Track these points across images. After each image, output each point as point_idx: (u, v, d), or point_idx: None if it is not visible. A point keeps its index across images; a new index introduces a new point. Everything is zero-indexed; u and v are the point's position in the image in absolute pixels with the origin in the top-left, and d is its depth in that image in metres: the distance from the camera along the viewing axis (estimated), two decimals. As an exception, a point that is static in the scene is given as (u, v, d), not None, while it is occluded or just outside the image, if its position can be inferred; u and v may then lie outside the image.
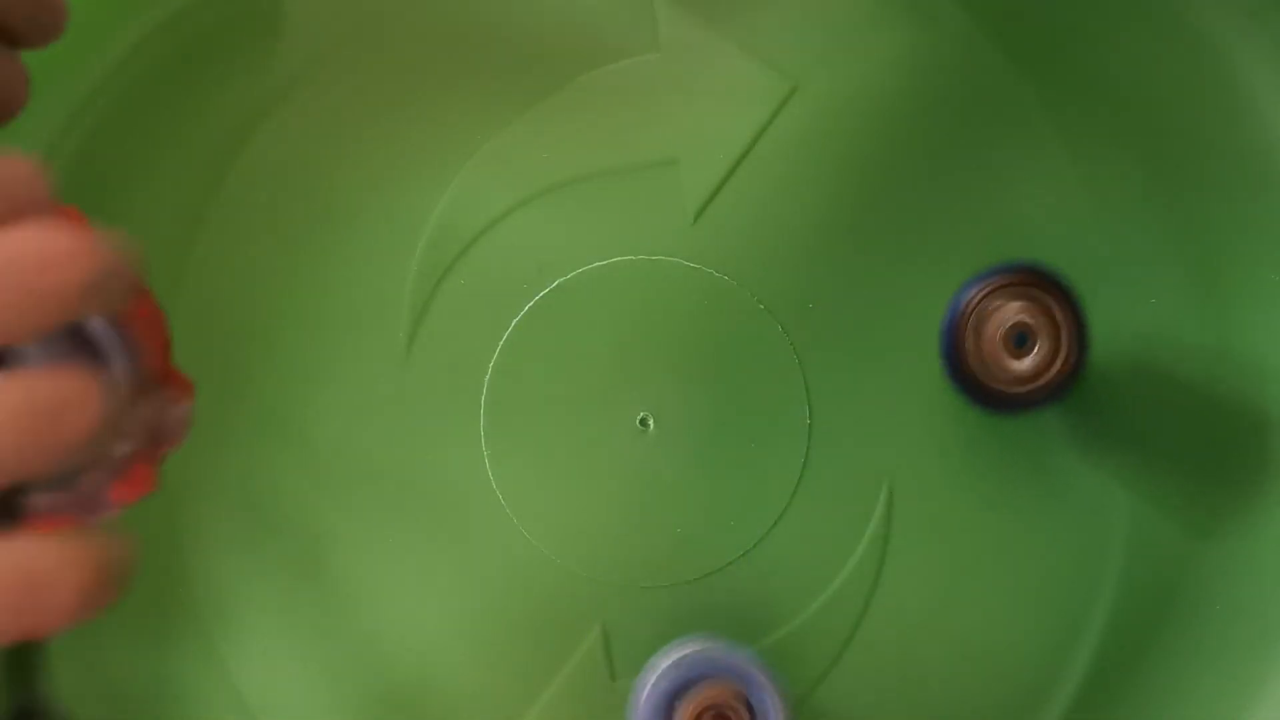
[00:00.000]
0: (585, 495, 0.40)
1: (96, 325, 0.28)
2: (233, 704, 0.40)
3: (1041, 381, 0.37)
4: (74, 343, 0.28)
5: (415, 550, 0.40)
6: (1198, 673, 0.40)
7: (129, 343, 0.28)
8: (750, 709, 0.36)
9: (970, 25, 0.40)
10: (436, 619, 0.40)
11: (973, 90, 0.40)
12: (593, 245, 0.40)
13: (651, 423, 0.40)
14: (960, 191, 0.40)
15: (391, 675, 0.40)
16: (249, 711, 0.40)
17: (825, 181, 0.40)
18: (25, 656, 0.36)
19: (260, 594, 0.40)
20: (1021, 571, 0.40)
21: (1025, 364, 0.37)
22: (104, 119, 0.40)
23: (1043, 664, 0.40)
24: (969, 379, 0.38)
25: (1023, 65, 0.40)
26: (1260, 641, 0.40)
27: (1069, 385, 0.37)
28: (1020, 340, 0.37)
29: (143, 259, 0.27)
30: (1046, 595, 0.40)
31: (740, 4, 0.40)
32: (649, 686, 0.37)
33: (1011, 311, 0.37)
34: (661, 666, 0.37)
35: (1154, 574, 0.40)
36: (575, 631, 0.40)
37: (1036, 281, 0.37)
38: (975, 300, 0.38)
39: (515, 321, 0.40)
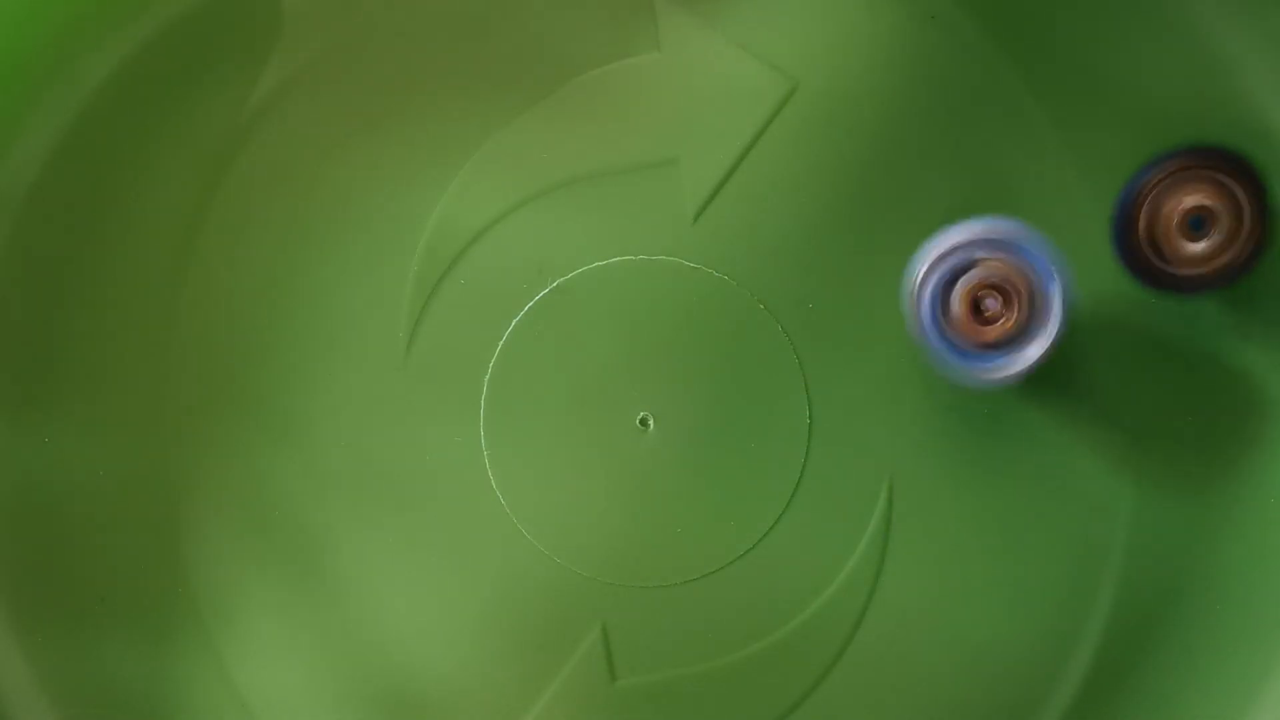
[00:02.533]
0: (585, 495, 0.40)
1: None
2: (233, 704, 0.40)
3: (1218, 264, 0.37)
4: None
5: (415, 550, 0.40)
6: (1198, 673, 0.40)
7: None
8: (1030, 287, 0.36)
9: (970, 25, 0.40)
10: (436, 619, 0.40)
11: (973, 90, 0.40)
12: (593, 245, 0.40)
13: (651, 423, 0.40)
14: (960, 191, 0.40)
15: (391, 675, 0.40)
16: (249, 711, 0.40)
17: (825, 181, 0.40)
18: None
19: (260, 594, 0.40)
20: (1021, 571, 0.40)
21: (1201, 247, 0.37)
22: (105, 120, 0.40)
23: (1043, 664, 0.40)
24: (1139, 259, 0.37)
25: (1023, 65, 0.40)
26: (1260, 641, 0.40)
27: (1249, 268, 0.37)
28: (1197, 224, 0.37)
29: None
30: (1046, 595, 0.40)
31: (740, 4, 0.40)
32: (924, 267, 0.36)
33: (1191, 194, 0.36)
34: (936, 248, 0.36)
35: (1154, 574, 0.40)
36: (575, 631, 0.40)
37: (1220, 165, 0.37)
38: (1154, 182, 0.37)
39: (515, 321, 0.40)
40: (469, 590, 0.40)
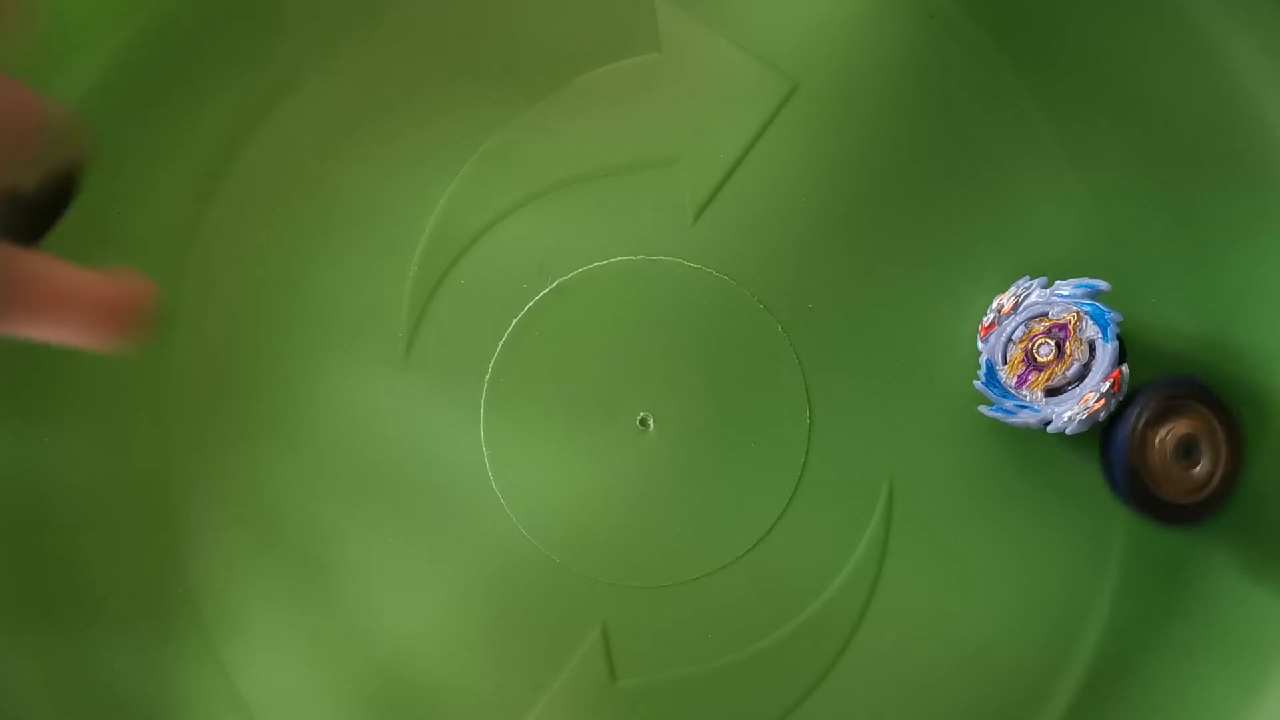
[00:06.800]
0: (585, 495, 0.40)
1: None
2: (233, 704, 0.40)
3: (1208, 491, 0.39)
4: None
5: (415, 550, 0.40)
6: (1198, 673, 0.40)
7: None
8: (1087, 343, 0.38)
9: (970, 25, 0.40)
10: (436, 619, 0.40)
11: (972, 90, 0.40)
12: (593, 245, 0.40)
13: (651, 423, 0.40)
14: (959, 190, 0.40)
15: (391, 676, 0.40)
16: (249, 711, 0.40)
17: (825, 181, 0.40)
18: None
19: (260, 594, 0.40)
20: (1021, 571, 0.40)
21: (1195, 474, 0.39)
22: (103, 119, 0.40)
23: (1043, 664, 0.40)
24: (1143, 493, 0.39)
25: (1022, 65, 0.40)
26: (1260, 641, 0.40)
27: (1230, 494, 0.39)
28: (1186, 452, 0.38)
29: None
30: (1046, 595, 0.40)
31: (740, 4, 0.40)
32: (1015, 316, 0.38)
33: (1179, 426, 0.38)
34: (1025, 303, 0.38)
35: (1154, 574, 0.40)
36: (575, 631, 0.40)
37: (1198, 396, 0.39)
38: (1142, 418, 0.38)
39: (515, 321, 0.40)
40: (469, 591, 0.40)
